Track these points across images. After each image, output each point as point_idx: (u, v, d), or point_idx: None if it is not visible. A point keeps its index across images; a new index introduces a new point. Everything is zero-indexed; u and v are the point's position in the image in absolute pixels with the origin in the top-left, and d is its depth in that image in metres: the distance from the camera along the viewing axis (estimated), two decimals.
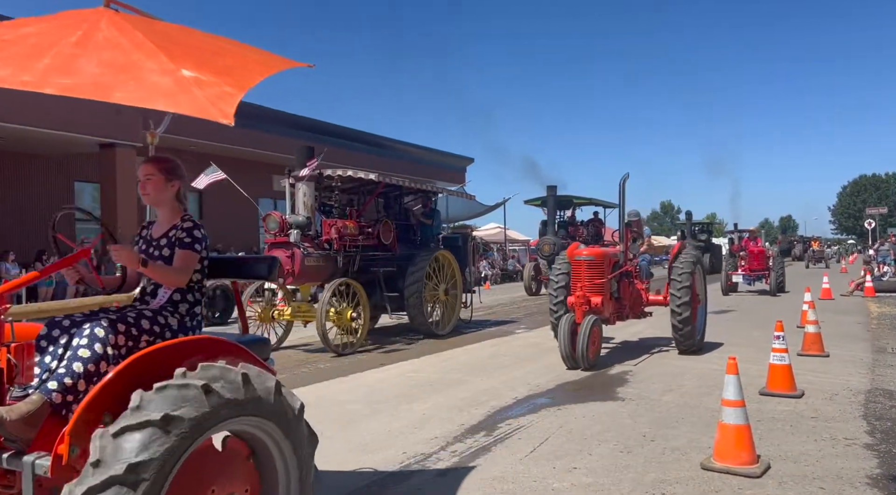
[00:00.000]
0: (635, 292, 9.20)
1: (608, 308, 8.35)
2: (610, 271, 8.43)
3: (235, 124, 2.09)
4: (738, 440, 4.22)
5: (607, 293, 8.32)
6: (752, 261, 19.55)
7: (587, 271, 8.21)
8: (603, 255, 8.46)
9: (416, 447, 4.81)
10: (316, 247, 9.91)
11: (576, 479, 4.10)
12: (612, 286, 8.46)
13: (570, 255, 8.56)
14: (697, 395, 6.37)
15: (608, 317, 8.45)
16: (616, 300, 8.67)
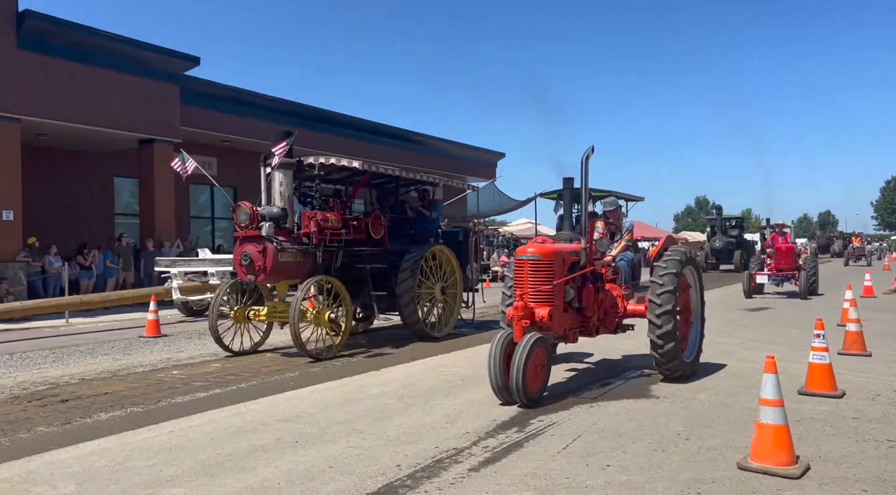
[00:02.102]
0: (608, 300, 7.19)
1: (561, 321, 6.46)
2: (564, 273, 6.52)
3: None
4: (777, 440, 4.14)
5: (559, 302, 6.41)
6: (780, 260, 17.18)
7: (531, 274, 6.33)
8: (552, 253, 6.46)
9: (447, 442, 4.82)
10: (293, 241, 9.07)
11: (609, 477, 4.07)
12: (567, 293, 6.52)
13: (516, 254, 6.83)
14: (733, 394, 6.27)
15: (564, 333, 6.60)
16: (577, 311, 6.75)
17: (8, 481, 4.14)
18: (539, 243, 6.71)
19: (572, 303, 6.61)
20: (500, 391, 5.84)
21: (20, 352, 9.53)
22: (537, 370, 5.81)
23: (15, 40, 14.95)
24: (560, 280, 6.41)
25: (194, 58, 18.85)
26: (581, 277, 6.73)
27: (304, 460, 4.42)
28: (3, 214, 15.00)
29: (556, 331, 6.47)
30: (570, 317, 6.64)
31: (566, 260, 6.62)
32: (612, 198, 8.29)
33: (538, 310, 6.18)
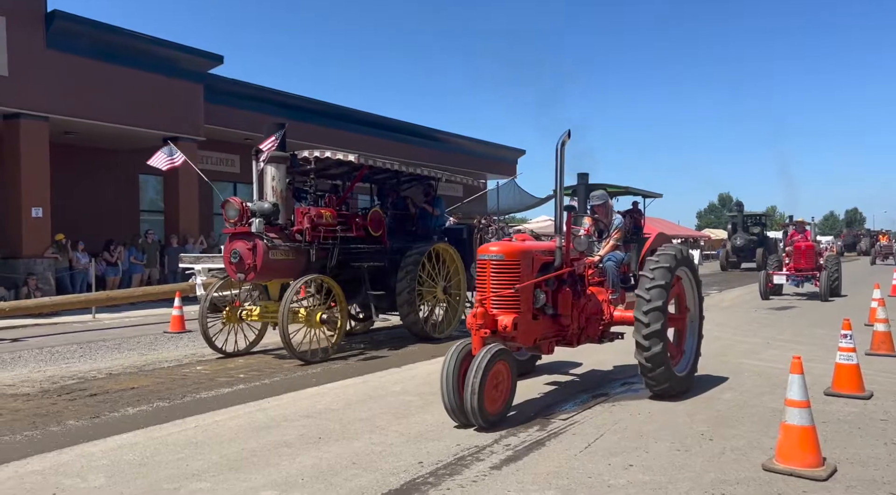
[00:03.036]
0: (591, 306, 6.35)
1: (529, 330, 5.68)
2: (533, 275, 5.74)
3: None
4: (803, 441, 4.09)
5: (527, 308, 5.63)
6: (799, 259, 16.00)
7: (493, 276, 5.56)
8: (519, 253, 5.65)
9: (469, 439, 4.83)
10: (285, 238, 8.72)
11: (632, 477, 4.06)
12: (537, 298, 5.73)
13: (478, 253, 5.96)
14: (758, 394, 6.20)
15: (534, 343, 5.86)
16: (551, 318, 5.98)
17: (40, 473, 4.24)
18: (507, 241, 6.14)
19: (545, 310, 5.84)
20: (453, 412, 5.07)
21: (49, 346, 9.72)
22: (497, 387, 5.08)
23: (44, 40, 15.21)
24: (527, 282, 5.59)
25: (218, 56, 19.04)
26: (557, 280, 5.96)
27: (326, 456, 4.46)
28: (33, 211, 15.29)
29: (523, 342, 5.65)
30: (541, 326, 5.84)
31: (537, 260, 5.80)
32: (600, 191, 7.44)
33: (501, 318, 5.36)
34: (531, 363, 7.16)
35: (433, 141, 29.70)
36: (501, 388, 5.17)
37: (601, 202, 7.38)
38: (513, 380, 5.29)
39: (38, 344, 10.02)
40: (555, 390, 6.51)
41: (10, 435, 5.11)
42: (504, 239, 6.55)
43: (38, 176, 15.37)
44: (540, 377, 7.05)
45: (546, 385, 6.71)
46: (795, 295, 16.79)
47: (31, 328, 11.83)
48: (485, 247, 5.81)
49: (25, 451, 4.69)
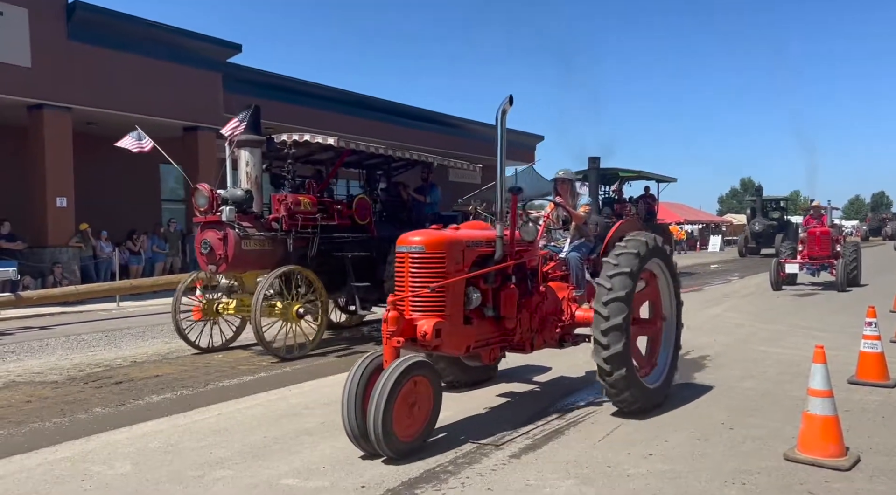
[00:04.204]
0: (548, 305, 5.49)
1: (459, 336, 4.77)
2: (464, 269, 4.84)
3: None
4: (825, 431, 4.05)
5: (455, 311, 4.74)
6: (813, 246, 14.84)
7: (412, 272, 4.67)
8: (444, 243, 4.73)
9: (489, 428, 4.85)
10: (260, 227, 8.27)
11: (651, 466, 4.05)
12: (469, 298, 4.85)
13: (396, 244, 4.98)
14: (779, 382, 6.15)
15: (466, 351, 4.94)
16: (493, 321, 5.12)
17: (69, 460, 4.34)
18: (435, 228, 5.07)
19: (484, 311, 5.03)
20: (356, 439, 4.18)
21: (76, 334, 9.91)
22: (413, 409, 4.21)
23: (65, 32, 15.37)
24: (454, 279, 4.68)
25: (236, 45, 19.12)
26: (500, 276, 5.09)
27: (348, 444, 4.50)
28: (57, 201, 15.53)
29: (450, 350, 4.78)
30: (476, 330, 4.96)
31: (470, 252, 4.90)
32: (565, 169, 6.46)
33: (421, 323, 4.49)
34: (489, 369, 6.20)
35: (450, 127, 29.62)
36: (419, 410, 4.25)
37: (566, 180, 6.32)
38: (435, 399, 4.36)
39: (64, 332, 10.22)
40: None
41: (39, 423, 5.24)
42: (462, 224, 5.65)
43: (62, 166, 15.59)
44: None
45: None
46: (811, 284, 15.73)
47: (58, 316, 12.06)
48: (404, 236, 4.84)
49: (54, 438, 4.80)
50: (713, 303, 12.75)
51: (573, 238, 6.14)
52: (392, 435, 4.04)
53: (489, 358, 5.24)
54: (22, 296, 11.64)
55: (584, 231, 6.15)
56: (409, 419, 4.21)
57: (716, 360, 7.22)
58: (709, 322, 10.15)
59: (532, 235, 5.32)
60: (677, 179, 21.60)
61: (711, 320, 10.34)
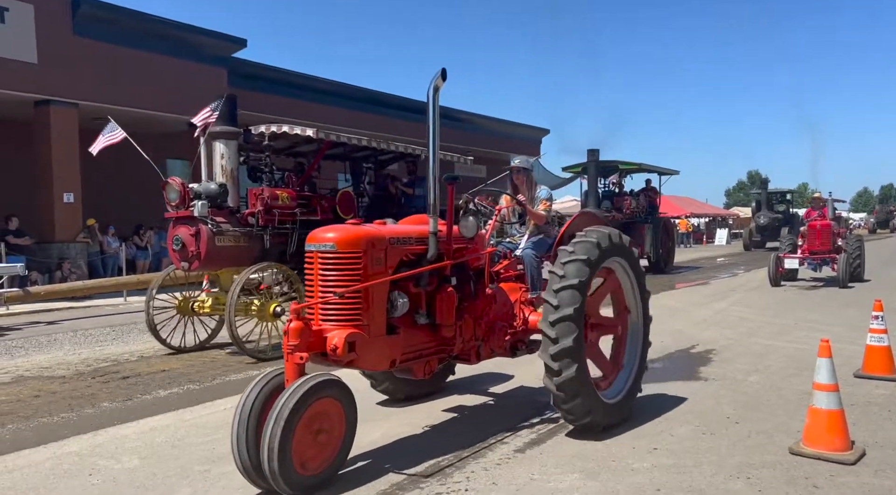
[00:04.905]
0: (496, 309, 4.89)
1: (381, 350, 4.11)
2: (388, 271, 4.17)
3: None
4: (831, 425, 4.05)
5: (376, 320, 4.08)
6: (813, 240, 14.21)
7: (322, 275, 4.01)
8: (362, 240, 4.05)
9: (493, 424, 4.86)
10: (235, 222, 7.94)
11: (656, 460, 4.05)
12: (394, 305, 4.21)
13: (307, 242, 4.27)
14: (785, 376, 6.13)
15: (391, 366, 4.26)
16: (428, 329, 4.48)
17: (77, 454, 4.38)
18: (353, 223, 4.31)
19: (416, 319, 4.39)
20: (247, 473, 3.55)
21: (83, 329, 9.97)
22: (320, 437, 3.56)
23: (71, 27, 15.41)
24: (374, 282, 4.00)
25: (241, 40, 19.12)
26: (436, 277, 4.47)
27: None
28: (65, 197, 15.60)
29: (369, 366, 4.15)
30: (404, 341, 4.28)
31: (393, 251, 4.22)
32: (522, 157, 5.84)
33: (332, 334, 3.82)
34: (437, 380, 5.57)
35: (454, 121, 29.54)
36: (327, 437, 3.60)
37: (522, 171, 5.64)
38: (348, 424, 3.72)
39: (72, 327, 10.28)
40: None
41: (47, 417, 5.28)
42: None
43: (69, 162, 15.66)
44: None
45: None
46: (813, 280, 15.08)
47: (65, 311, 12.14)
48: (314, 233, 4.12)
49: (62, 433, 4.84)
50: (719, 296, 12.72)
51: (531, 233, 5.48)
52: (290, 468, 3.37)
53: (424, 371, 4.52)
54: (30, 291, 11.72)
55: (542, 226, 5.52)
56: (314, 449, 3.54)
57: (721, 354, 7.21)
58: (715, 316, 10.13)
59: (472, 231, 4.61)
60: (679, 172, 21.41)
61: (717, 314, 10.31)
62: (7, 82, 14.37)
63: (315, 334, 3.81)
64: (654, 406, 5.23)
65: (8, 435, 4.86)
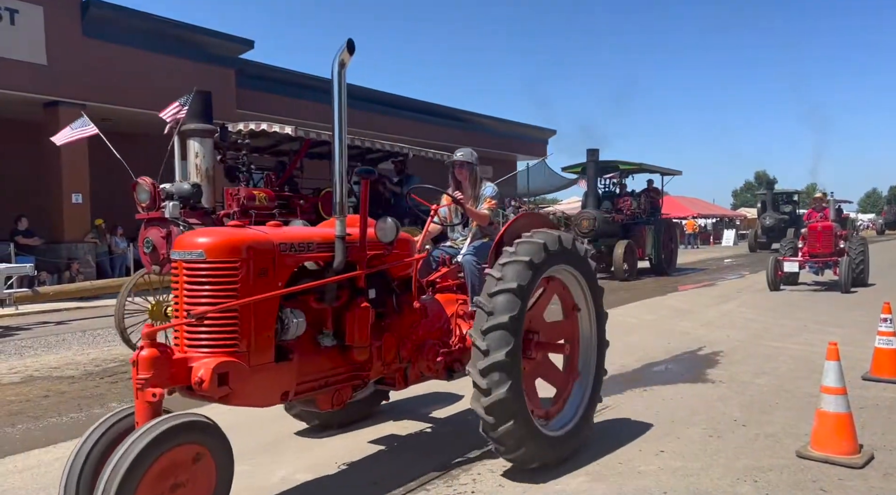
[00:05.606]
0: (425, 325, 4.20)
1: (264, 381, 3.28)
2: (277, 284, 3.33)
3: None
4: (839, 428, 4.04)
5: (260, 344, 3.25)
6: (814, 242, 13.53)
7: (189, 289, 3.19)
8: (234, 247, 3.22)
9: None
10: (211, 224, 7.62)
11: (663, 463, 4.05)
12: (288, 323, 3.36)
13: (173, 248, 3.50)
14: (793, 379, 6.11)
15: (287, 399, 3.48)
16: (336, 353, 3.67)
17: None
18: (234, 225, 3.47)
19: (319, 341, 3.59)
20: None
21: (92, 329, 10.03)
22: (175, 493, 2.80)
23: (80, 28, 15.50)
24: (256, 297, 3.17)
25: (249, 41, 19.21)
26: (347, 290, 3.71)
27: (358, 443, 4.47)
28: (73, 197, 15.70)
29: (249, 402, 3.28)
30: (299, 369, 3.44)
31: (284, 259, 3.38)
32: (466, 149, 5.11)
33: (198, 365, 3.02)
34: (370, 402, 4.95)
35: (460, 122, 29.57)
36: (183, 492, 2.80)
37: (465, 164, 4.98)
38: (220, 476, 2.95)
39: (80, 327, 10.34)
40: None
41: (57, 417, 5.32)
42: None
43: (78, 163, 15.76)
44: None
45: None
46: (815, 284, 14.44)
47: (74, 311, 12.21)
48: (181, 238, 3.30)
49: (71, 433, 4.87)
50: (726, 298, 12.68)
51: (474, 237, 4.89)
52: None
53: (332, 402, 3.72)
54: (39, 291, 11.81)
55: (487, 229, 4.92)
56: None
57: (728, 356, 7.19)
58: (721, 317, 10.10)
59: (391, 235, 3.85)
60: (682, 172, 21.18)
61: (724, 316, 10.29)
62: (16, 83, 14.48)
63: (177, 364, 3.01)
64: (660, 408, 5.23)
65: (18, 435, 4.90)
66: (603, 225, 16.71)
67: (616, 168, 18.69)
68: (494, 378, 3.62)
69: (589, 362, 4.49)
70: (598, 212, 17.08)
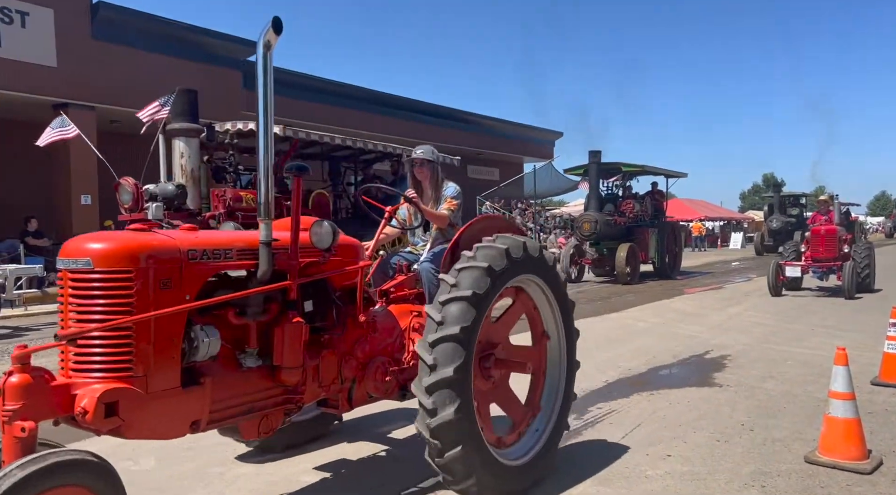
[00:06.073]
0: (372, 341, 3.76)
1: (172, 411, 2.85)
2: (187, 296, 2.88)
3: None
4: (847, 434, 4.02)
5: (166, 365, 2.80)
6: (817, 246, 13.00)
7: (74, 302, 2.71)
8: (127, 254, 2.75)
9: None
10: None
11: (670, 467, 4.04)
12: (197, 342, 2.89)
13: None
14: (801, 383, 6.09)
15: (202, 428, 3.03)
16: (263, 375, 3.22)
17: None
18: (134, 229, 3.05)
19: (241, 361, 3.13)
20: None
21: None
22: None
23: (90, 31, 15.61)
24: (153, 313, 2.73)
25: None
26: (276, 303, 3.25)
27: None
28: (82, 199, 15.80)
29: (146, 435, 2.81)
30: (213, 394, 2.99)
31: (194, 268, 2.93)
32: (426, 146, 4.75)
33: (82, 392, 2.60)
34: (320, 424, 4.59)
35: (467, 123, 29.60)
36: None
37: (424, 162, 4.62)
38: None
39: None
40: None
41: None
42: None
43: (87, 164, 15.85)
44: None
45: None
46: (819, 289, 13.99)
47: None
48: (68, 243, 2.84)
49: (81, 435, 4.86)
50: (733, 301, 12.63)
51: (435, 241, 4.46)
52: None
53: (259, 430, 3.29)
54: (48, 292, 11.87)
55: (449, 233, 4.42)
56: None
57: (736, 360, 7.17)
58: (729, 321, 10.07)
59: (326, 240, 3.34)
60: (687, 174, 20.89)
61: (732, 319, 10.25)
62: (26, 85, 14.59)
63: (58, 391, 2.60)
64: (667, 412, 5.22)
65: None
66: (605, 227, 16.56)
67: (618, 170, 18.48)
68: (442, 396, 3.24)
69: (555, 390, 4.08)
70: (601, 214, 16.89)
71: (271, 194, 3.11)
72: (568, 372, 4.12)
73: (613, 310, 11.42)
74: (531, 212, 27.83)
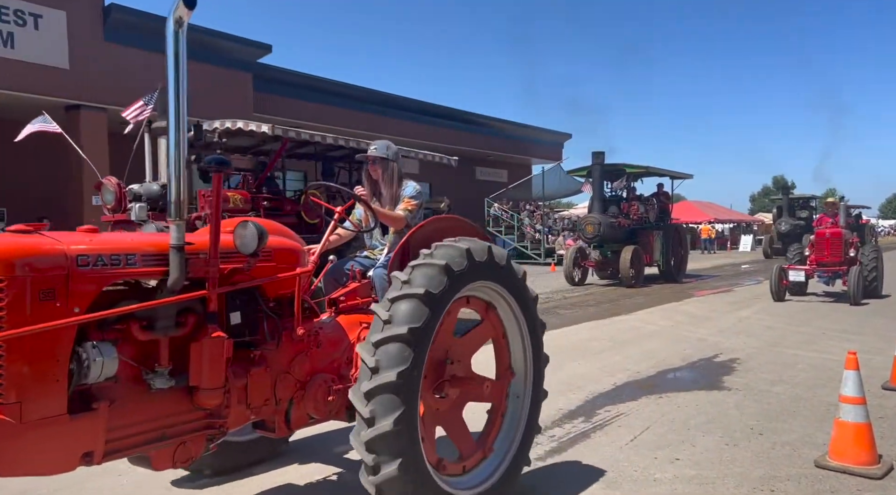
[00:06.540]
0: (314, 357, 3.37)
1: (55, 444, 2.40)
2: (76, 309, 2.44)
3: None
4: (858, 438, 4.00)
5: (45, 390, 2.36)
6: (822, 250, 12.53)
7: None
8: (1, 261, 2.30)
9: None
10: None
11: (678, 471, 4.04)
12: (88, 363, 2.44)
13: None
14: (811, 387, 6.06)
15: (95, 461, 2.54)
16: (179, 397, 2.81)
17: None
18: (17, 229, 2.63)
19: (151, 383, 2.72)
20: None
21: None
22: None
23: (102, 33, 15.75)
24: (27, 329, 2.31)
25: (266, 45, 19.40)
26: (192, 316, 2.86)
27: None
28: (94, 199, 15.90)
29: (20, 470, 2.40)
30: (109, 422, 2.58)
31: (84, 276, 2.52)
32: (381, 142, 4.36)
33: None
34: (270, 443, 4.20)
35: (476, 125, 29.60)
36: None
37: (379, 159, 4.23)
38: None
39: None
40: None
41: None
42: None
43: (98, 165, 15.95)
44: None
45: None
46: (825, 294, 13.52)
47: None
48: None
49: None
50: (743, 305, 12.57)
51: (392, 245, 4.06)
52: None
53: (174, 460, 2.86)
54: None
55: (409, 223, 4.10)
56: None
57: (745, 364, 7.14)
58: (738, 324, 10.03)
59: (251, 245, 2.91)
60: (693, 176, 20.66)
61: (741, 322, 10.21)
62: (40, 87, 14.73)
63: None
64: (676, 415, 5.21)
65: None
66: (608, 230, 16.32)
67: (622, 171, 18.20)
68: (382, 404, 2.82)
69: (515, 426, 3.65)
70: (604, 216, 16.66)
71: (182, 192, 2.73)
72: (532, 405, 3.70)
73: (621, 313, 11.38)
74: (539, 214, 27.78)
